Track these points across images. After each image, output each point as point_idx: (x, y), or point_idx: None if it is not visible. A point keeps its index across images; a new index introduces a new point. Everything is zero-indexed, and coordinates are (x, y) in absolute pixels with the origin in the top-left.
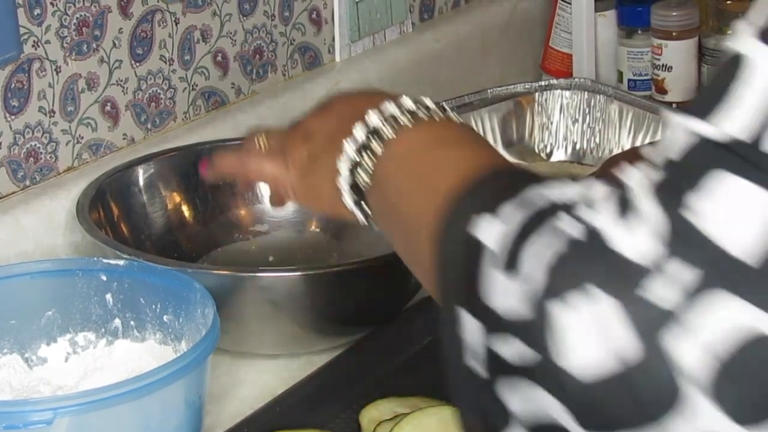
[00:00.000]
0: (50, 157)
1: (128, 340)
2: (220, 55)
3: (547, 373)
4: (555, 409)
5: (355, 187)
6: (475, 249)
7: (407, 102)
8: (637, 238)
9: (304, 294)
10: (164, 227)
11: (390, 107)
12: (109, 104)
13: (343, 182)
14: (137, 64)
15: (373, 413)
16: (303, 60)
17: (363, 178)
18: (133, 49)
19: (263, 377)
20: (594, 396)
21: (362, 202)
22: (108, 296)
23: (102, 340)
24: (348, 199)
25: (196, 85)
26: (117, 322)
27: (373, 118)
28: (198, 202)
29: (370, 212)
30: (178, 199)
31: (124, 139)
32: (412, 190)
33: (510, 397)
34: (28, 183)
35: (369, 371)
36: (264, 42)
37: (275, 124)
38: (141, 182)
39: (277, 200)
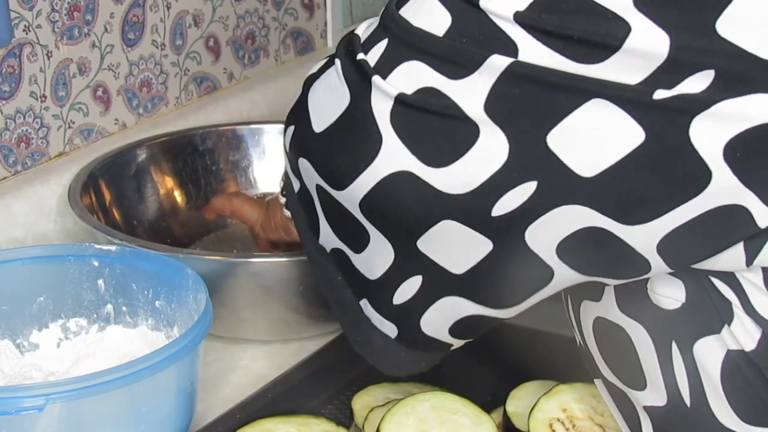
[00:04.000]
0: (41, 142)
1: (120, 326)
2: (212, 40)
3: (301, 141)
4: (313, 175)
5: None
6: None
7: None
8: (368, 31)
9: (296, 279)
10: (156, 213)
11: None
12: (100, 89)
13: (285, 209)
14: (129, 49)
15: (365, 399)
16: (295, 45)
17: None
18: (125, 34)
19: (256, 363)
20: (323, 145)
21: None
22: (100, 282)
23: (94, 326)
24: (288, 213)
25: (188, 70)
26: (109, 307)
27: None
28: (190, 188)
29: None
30: (170, 184)
31: (115, 124)
32: None
33: (305, 182)
34: (19, 168)
35: (361, 357)
36: (256, 27)
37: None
38: (133, 168)
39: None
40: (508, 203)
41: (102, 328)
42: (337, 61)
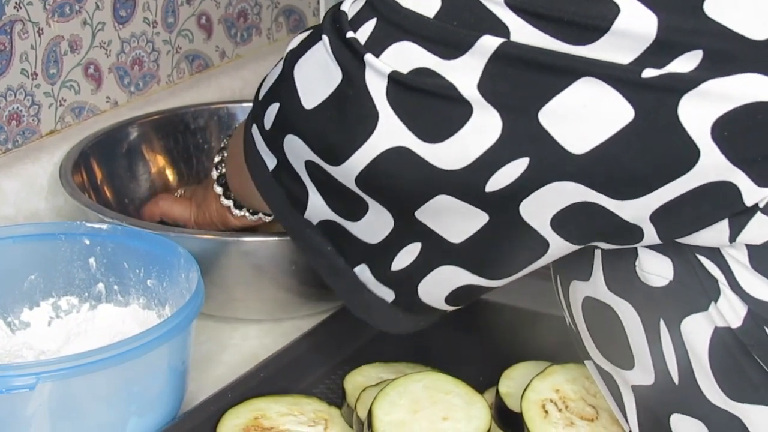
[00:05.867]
0: (33, 120)
1: (111, 305)
2: (204, 17)
3: (289, 117)
4: (304, 150)
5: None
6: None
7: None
8: (354, 7)
9: (288, 259)
10: (148, 191)
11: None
12: (92, 67)
13: (223, 199)
14: (120, 26)
15: (357, 379)
16: (287, 23)
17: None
18: (116, 11)
19: (247, 342)
20: (316, 122)
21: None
22: (91, 260)
23: (85, 305)
24: (228, 203)
25: (180, 48)
26: (100, 286)
27: (216, 158)
28: (182, 166)
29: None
30: (161, 162)
31: (107, 102)
32: (233, 156)
33: (289, 158)
34: (10, 146)
35: (354, 337)
36: (248, 5)
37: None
38: (124, 146)
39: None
40: (501, 179)
41: (93, 306)
42: (325, 38)
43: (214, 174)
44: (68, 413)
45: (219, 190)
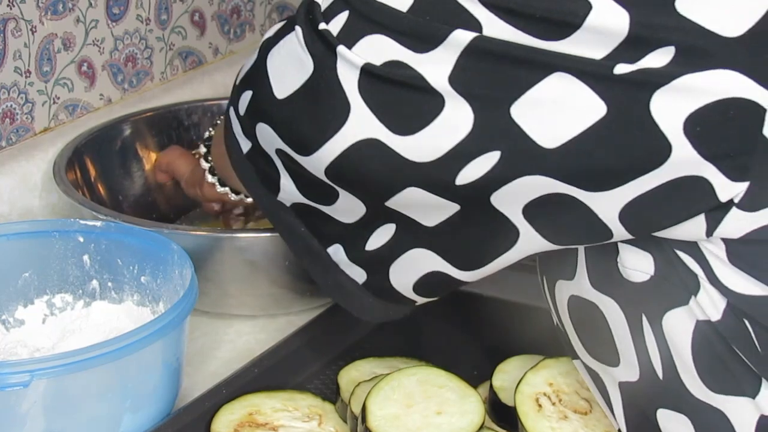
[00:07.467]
0: (26, 117)
1: (106, 302)
2: (197, 14)
3: (261, 106)
4: (275, 140)
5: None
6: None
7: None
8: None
9: (282, 254)
10: (142, 188)
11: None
12: (85, 64)
13: (208, 175)
14: (114, 23)
15: (351, 374)
16: (280, 19)
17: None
18: (110, 9)
19: (241, 338)
20: (287, 112)
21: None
22: (85, 258)
23: (79, 302)
24: (212, 180)
25: (173, 45)
26: (94, 283)
27: (206, 134)
28: None
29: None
30: (155, 159)
31: (100, 99)
32: (219, 139)
33: (262, 144)
34: (3, 144)
35: (347, 332)
36: (241, 1)
37: None
38: (118, 143)
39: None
40: (471, 172)
41: (87, 303)
42: (298, 29)
43: (202, 150)
44: (63, 410)
45: (206, 165)
